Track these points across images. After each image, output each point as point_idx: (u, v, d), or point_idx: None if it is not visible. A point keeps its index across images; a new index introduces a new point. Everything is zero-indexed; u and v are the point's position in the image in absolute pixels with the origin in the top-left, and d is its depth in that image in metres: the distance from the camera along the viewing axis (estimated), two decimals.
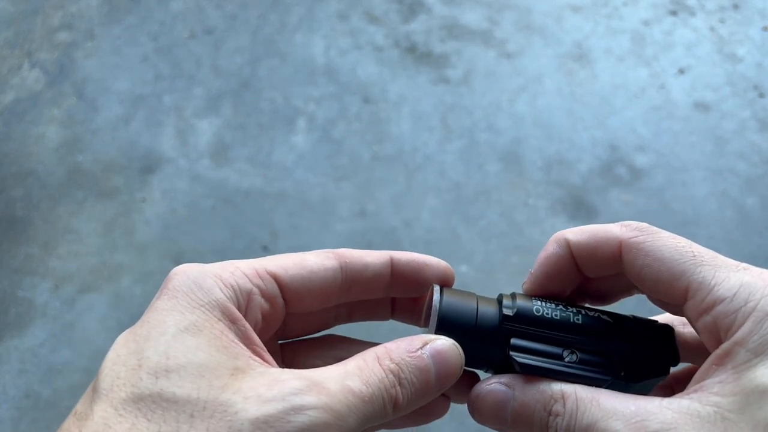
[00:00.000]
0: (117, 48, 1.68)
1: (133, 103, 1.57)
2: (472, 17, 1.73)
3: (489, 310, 0.29)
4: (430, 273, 0.31)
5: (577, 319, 0.29)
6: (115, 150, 1.48)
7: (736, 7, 1.73)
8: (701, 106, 1.54)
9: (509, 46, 1.66)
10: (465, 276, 1.28)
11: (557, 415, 0.26)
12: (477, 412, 0.28)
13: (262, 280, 0.28)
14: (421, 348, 0.26)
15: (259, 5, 1.76)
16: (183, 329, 0.24)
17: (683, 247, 0.27)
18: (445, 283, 0.32)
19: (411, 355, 0.26)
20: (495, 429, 0.28)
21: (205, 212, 1.38)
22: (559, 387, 0.27)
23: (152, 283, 1.28)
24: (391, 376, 0.25)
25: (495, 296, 0.31)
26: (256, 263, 0.28)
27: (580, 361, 0.28)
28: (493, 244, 1.33)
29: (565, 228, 0.31)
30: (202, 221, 1.37)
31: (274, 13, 1.74)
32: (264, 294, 0.27)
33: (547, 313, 0.29)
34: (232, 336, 0.25)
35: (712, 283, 0.26)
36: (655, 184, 1.42)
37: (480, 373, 0.31)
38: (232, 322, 0.25)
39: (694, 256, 0.27)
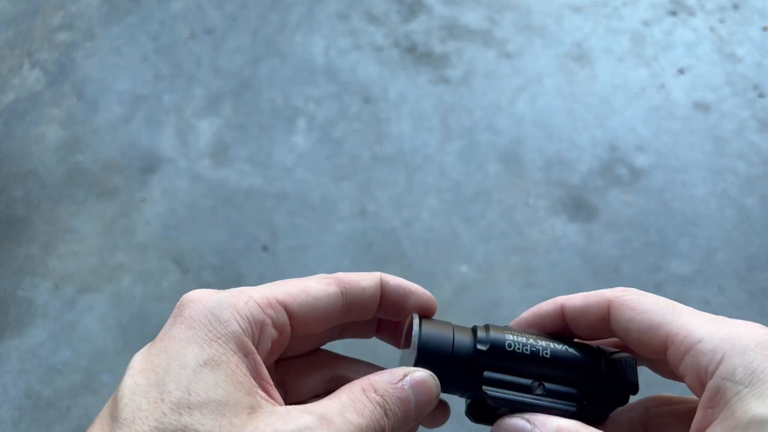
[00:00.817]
0: (117, 48, 1.68)
1: (133, 103, 1.57)
2: (472, 17, 1.73)
3: (464, 341, 0.31)
4: (412, 301, 0.33)
5: (546, 353, 0.31)
6: (115, 150, 1.49)
7: (735, 7, 1.73)
8: (701, 106, 1.54)
9: (509, 46, 1.66)
10: (465, 276, 1.28)
11: None
12: None
13: (274, 310, 0.28)
14: (402, 380, 0.28)
15: (259, 5, 1.76)
16: (203, 363, 0.25)
17: (664, 302, 0.30)
18: (428, 313, 0.33)
19: (393, 386, 0.28)
20: None
21: (205, 212, 1.38)
22: (576, 427, 0.28)
23: (152, 283, 1.28)
24: (378, 408, 0.27)
25: (480, 316, 0.33)
26: (267, 292, 0.29)
27: (548, 393, 0.30)
28: (493, 244, 1.33)
29: (565, 228, 0.32)
30: (202, 221, 1.37)
31: (274, 13, 1.74)
32: (275, 324, 0.28)
33: (518, 348, 0.31)
34: (245, 370, 0.26)
35: (690, 326, 0.27)
36: (655, 184, 1.42)
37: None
38: (245, 355, 0.26)
39: (674, 309, 0.29)
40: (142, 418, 0.24)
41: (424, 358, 0.30)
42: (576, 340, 0.33)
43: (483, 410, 0.32)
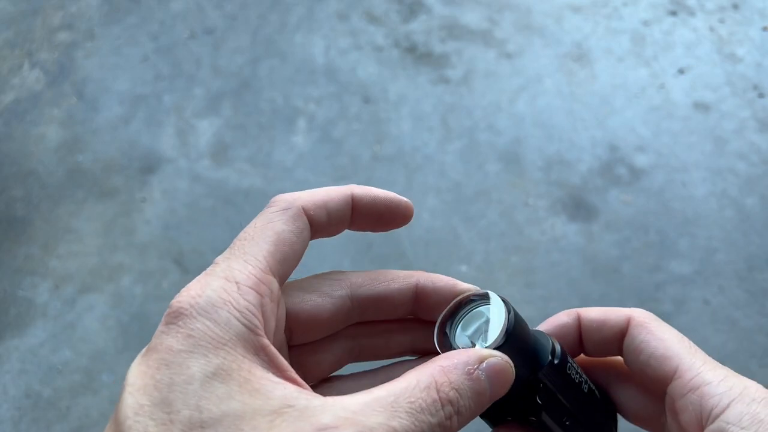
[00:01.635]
0: (117, 48, 1.68)
1: (133, 103, 1.57)
2: (472, 17, 1.73)
3: (543, 342, 0.29)
4: (389, 214, 0.31)
5: (584, 388, 0.30)
6: (115, 150, 1.49)
7: (735, 7, 1.73)
8: (701, 106, 1.54)
9: (509, 46, 1.66)
10: (465, 276, 1.28)
11: None
12: None
13: (266, 284, 0.26)
14: (478, 367, 0.24)
15: (259, 5, 1.76)
16: (211, 376, 0.22)
17: (682, 337, 0.30)
18: (399, 220, 0.31)
19: (469, 377, 0.24)
20: None
21: (205, 212, 1.38)
22: None
23: (152, 283, 1.28)
24: (448, 407, 0.23)
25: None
26: (250, 267, 0.26)
27: (571, 429, 0.30)
28: (493, 244, 1.33)
29: (565, 228, 0.31)
30: (202, 221, 1.37)
31: (274, 13, 1.74)
32: (271, 298, 0.26)
33: (572, 374, 0.30)
34: (260, 372, 0.23)
35: (701, 368, 0.28)
36: (655, 184, 1.42)
37: None
38: (255, 353, 0.24)
39: (690, 347, 0.29)
40: None
41: (506, 347, 0.26)
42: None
43: (496, 409, 0.29)
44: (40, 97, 1.58)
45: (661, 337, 0.29)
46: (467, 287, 0.30)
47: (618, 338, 0.31)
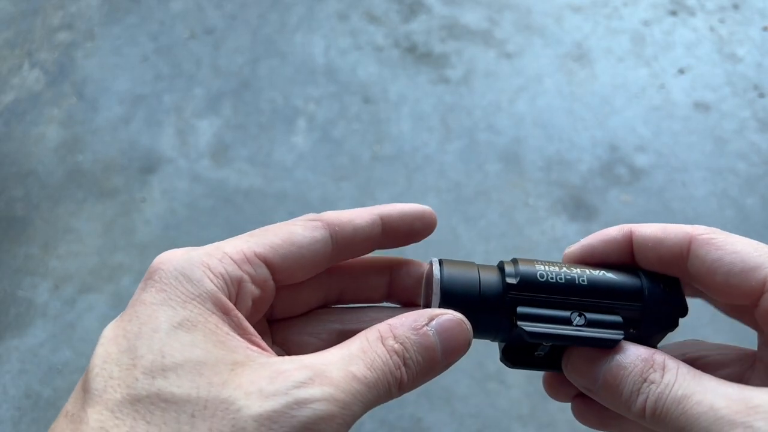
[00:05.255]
0: (117, 48, 1.68)
1: (133, 103, 1.57)
2: (472, 17, 1.73)
3: (491, 279, 0.28)
4: (420, 224, 0.30)
5: (583, 281, 0.28)
6: (115, 150, 1.48)
7: (736, 7, 1.73)
8: (701, 106, 1.54)
9: (509, 46, 1.66)
10: None
11: (652, 382, 0.25)
12: (569, 367, 0.28)
13: (252, 265, 0.26)
14: (427, 324, 0.25)
15: (259, 5, 1.76)
16: (176, 325, 0.23)
17: (757, 243, 0.27)
18: (428, 228, 0.31)
19: (416, 332, 0.25)
20: (581, 386, 0.28)
21: (205, 212, 1.38)
22: (662, 357, 0.26)
23: None
24: (395, 357, 0.24)
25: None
26: (244, 245, 0.27)
27: (589, 323, 0.27)
28: (493, 244, 1.33)
29: (565, 228, 0.31)
30: (202, 221, 1.37)
31: (274, 13, 1.74)
32: (254, 280, 0.26)
33: (552, 278, 0.28)
34: (227, 329, 0.24)
35: None
36: (655, 184, 1.42)
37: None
38: (224, 313, 0.24)
39: None
40: (113, 386, 0.22)
41: (448, 302, 0.27)
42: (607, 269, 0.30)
43: (520, 352, 0.29)
44: (40, 97, 1.58)
45: (734, 250, 0.27)
46: (418, 207, 0.31)
47: (677, 257, 0.28)
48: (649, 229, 0.29)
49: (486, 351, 1.18)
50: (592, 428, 0.31)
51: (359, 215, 0.29)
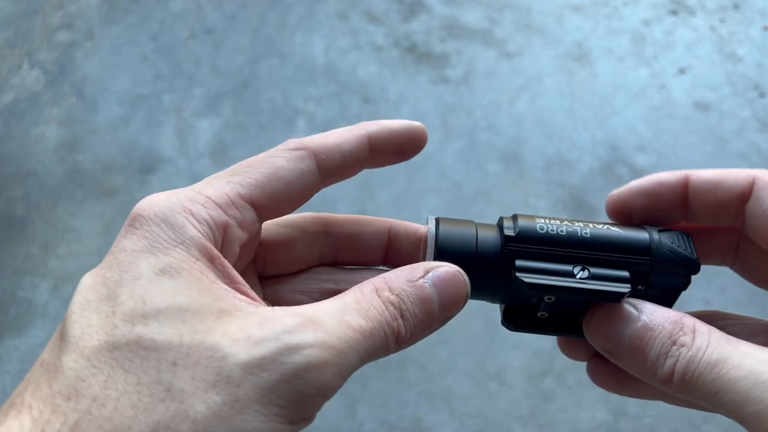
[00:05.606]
0: (117, 48, 1.68)
1: (133, 103, 1.57)
2: (472, 17, 1.72)
3: (490, 234, 0.27)
4: (409, 144, 0.29)
5: (585, 233, 0.27)
6: (115, 150, 1.48)
7: (736, 6, 1.73)
8: (701, 106, 1.54)
9: (509, 46, 1.66)
10: None
11: (682, 345, 0.24)
12: (590, 328, 0.26)
13: (238, 208, 0.25)
14: (423, 277, 0.24)
15: (259, 5, 1.76)
16: (159, 272, 0.22)
17: None
18: (419, 146, 0.29)
19: (412, 284, 0.24)
20: (602, 349, 0.26)
21: None
22: (692, 321, 0.25)
23: None
24: (391, 308, 0.23)
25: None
26: (227, 188, 0.25)
27: (593, 277, 0.26)
28: None
29: None
30: None
31: (274, 13, 1.74)
32: (241, 225, 0.25)
33: (552, 230, 0.27)
34: (212, 276, 0.23)
35: None
36: None
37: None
38: (210, 261, 0.23)
39: None
40: (91, 333, 0.21)
41: (444, 257, 0.26)
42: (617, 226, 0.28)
43: (521, 313, 0.28)
44: (40, 97, 1.58)
45: None
46: (407, 124, 0.30)
47: (736, 202, 0.26)
48: (706, 173, 0.27)
49: (486, 351, 1.18)
50: (608, 391, 0.29)
51: (347, 139, 0.28)
